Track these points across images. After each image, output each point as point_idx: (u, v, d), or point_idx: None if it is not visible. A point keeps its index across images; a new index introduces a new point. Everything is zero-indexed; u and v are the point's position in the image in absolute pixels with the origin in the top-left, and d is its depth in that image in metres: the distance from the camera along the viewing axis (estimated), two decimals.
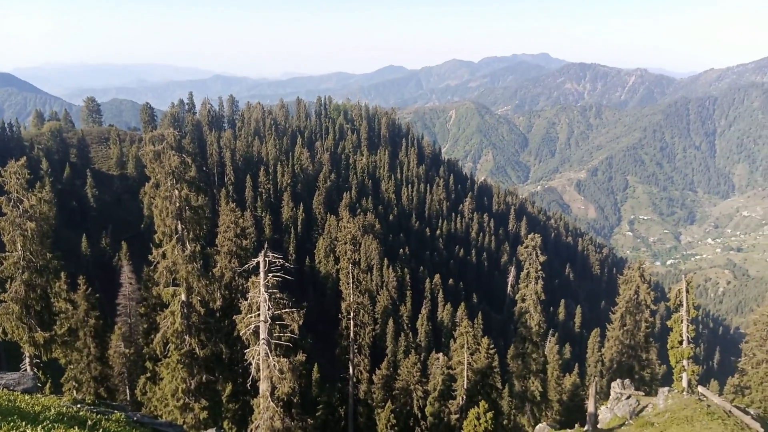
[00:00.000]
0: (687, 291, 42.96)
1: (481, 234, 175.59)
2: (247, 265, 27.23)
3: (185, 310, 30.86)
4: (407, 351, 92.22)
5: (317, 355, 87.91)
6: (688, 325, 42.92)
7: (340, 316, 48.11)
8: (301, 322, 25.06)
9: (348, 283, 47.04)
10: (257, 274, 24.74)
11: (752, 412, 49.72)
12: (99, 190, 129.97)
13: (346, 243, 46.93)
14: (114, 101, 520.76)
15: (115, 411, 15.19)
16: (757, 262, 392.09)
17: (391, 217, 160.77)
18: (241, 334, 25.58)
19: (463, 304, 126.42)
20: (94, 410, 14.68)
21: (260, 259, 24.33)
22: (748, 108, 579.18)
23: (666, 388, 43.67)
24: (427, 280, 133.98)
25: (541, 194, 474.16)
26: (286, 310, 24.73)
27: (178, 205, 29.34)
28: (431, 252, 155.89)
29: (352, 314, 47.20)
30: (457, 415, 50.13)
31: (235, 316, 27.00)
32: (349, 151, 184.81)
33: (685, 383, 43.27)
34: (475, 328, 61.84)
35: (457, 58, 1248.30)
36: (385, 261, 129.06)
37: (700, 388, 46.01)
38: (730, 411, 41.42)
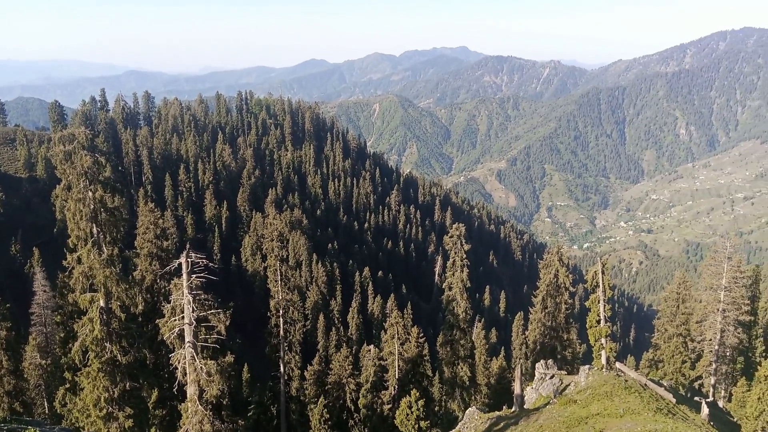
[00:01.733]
0: (602, 272, 45.25)
1: (408, 226, 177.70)
2: (168, 267, 26.38)
3: (104, 317, 29.59)
4: (339, 345, 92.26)
5: (247, 354, 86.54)
6: (604, 305, 45.22)
7: (269, 314, 47.45)
8: (228, 323, 24.56)
9: (276, 281, 46.45)
10: (180, 276, 24.02)
11: (665, 384, 53.15)
12: (6, 194, 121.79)
13: (272, 240, 46.28)
14: (19, 100, 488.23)
15: (29, 426, 14.46)
16: (666, 242, 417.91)
17: (318, 212, 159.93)
18: (165, 338, 24.77)
19: (392, 295, 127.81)
20: (5, 427, 13.92)
21: (182, 260, 23.63)
22: (654, 97, 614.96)
23: (587, 366, 45.88)
24: (357, 273, 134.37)
25: (464, 184, 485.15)
26: (212, 311, 24.17)
27: (92, 207, 28.04)
28: (360, 245, 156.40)
29: (281, 312, 46.68)
30: (390, 405, 50.72)
31: (158, 320, 26.11)
32: (273, 147, 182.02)
33: (603, 360, 45.57)
34: (404, 319, 62.71)
35: (379, 52, 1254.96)
36: (314, 256, 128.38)
37: (618, 365, 48.64)
38: (645, 384, 44.05)
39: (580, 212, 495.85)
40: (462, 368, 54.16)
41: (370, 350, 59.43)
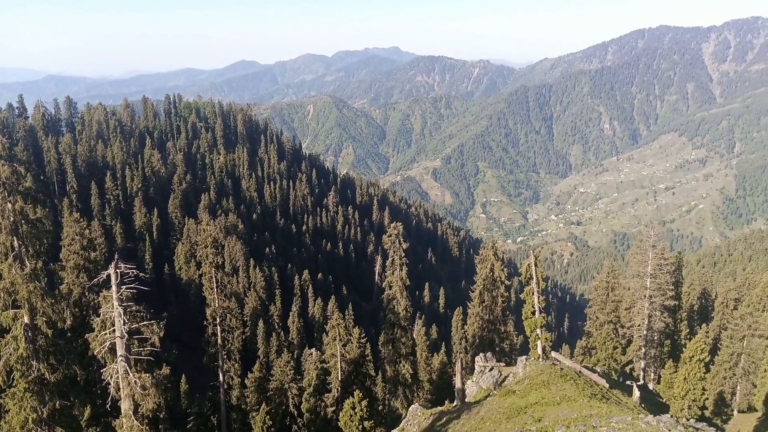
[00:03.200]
0: (535, 265, 46.66)
1: (346, 226, 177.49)
2: (96, 279, 25.40)
3: (29, 334, 28.13)
4: (280, 350, 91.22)
5: (184, 365, 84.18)
6: (539, 297, 46.64)
7: (205, 322, 46.38)
8: (162, 334, 23.91)
9: (212, 288, 45.46)
10: (109, 288, 23.19)
11: (599, 370, 55.40)
12: None
13: (207, 246, 45.23)
14: None
15: None
16: (595, 233, 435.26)
17: (254, 216, 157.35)
18: (95, 353, 23.89)
19: (333, 297, 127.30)
20: None
21: (111, 271, 22.81)
22: (579, 93, 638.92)
23: (524, 357, 47.20)
24: (296, 276, 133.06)
25: (401, 184, 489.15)
26: (145, 322, 23.47)
27: (12, 219, 26.63)
28: (299, 248, 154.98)
29: (218, 319, 45.72)
30: (333, 408, 50.62)
31: (87, 335, 25.12)
32: (204, 151, 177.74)
33: (540, 350, 46.97)
34: (346, 320, 62.63)
35: (311, 53, 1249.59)
36: (251, 261, 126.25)
37: (553, 354, 50.33)
38: (580, 371, 45.78)
39: (513, 207, 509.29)
40: (404, 366, 54.63)
41: (311, 354, 59.07)
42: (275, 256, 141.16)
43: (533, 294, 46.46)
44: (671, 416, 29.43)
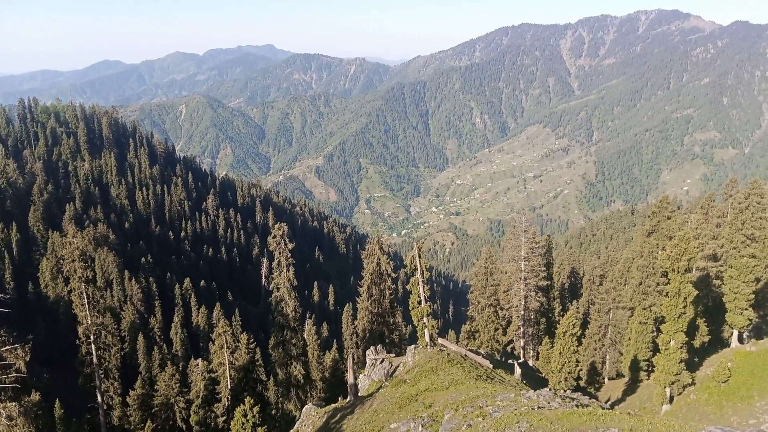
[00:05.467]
0: (419, 256, 48.02)
1: (229, 230, 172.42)
2: None
3: None
4: (163, 364, 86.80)
5: (58, 388, 78.00)
6: (424, 286, 48.05)
7: (78, 341, 43.16)
8: (28, 358, 21.93)
9: (83, 305, 42.33)
10: None
11: (483, 352, 58.10)
12: None
13: (74, 260, 42.02)
14: None
15: None
16: (473, 222, 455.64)
17: (127, 225, 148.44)
18: None
19: (218, 304, 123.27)
20: None
21: None
22: (451, 90, 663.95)
23: (413, 346, 48.45)
24: (177, 285, 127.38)
25: (284, 183, 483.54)
26: (7, 347, 21.40)
27: None
28: (178, 256, 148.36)
29: (92, 337, 42.68)
30: (225, 417, 49.14)
31: None
32: (66, 158, 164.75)
33: (427, 338, 48.43)
34: (233, 326, 61.00)
35: (180, 51, 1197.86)
36: (126, 273, 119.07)
37: (440, 340, 52.15)
38: (465, 355, 47.78)
39: (396, 201, 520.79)
40: (296, 367, 54.14)
41: (198, 364, 56.98)
42: (152, 266, 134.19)
43: (419, 284, 47.80)
44: (550, 389, 31.51)
